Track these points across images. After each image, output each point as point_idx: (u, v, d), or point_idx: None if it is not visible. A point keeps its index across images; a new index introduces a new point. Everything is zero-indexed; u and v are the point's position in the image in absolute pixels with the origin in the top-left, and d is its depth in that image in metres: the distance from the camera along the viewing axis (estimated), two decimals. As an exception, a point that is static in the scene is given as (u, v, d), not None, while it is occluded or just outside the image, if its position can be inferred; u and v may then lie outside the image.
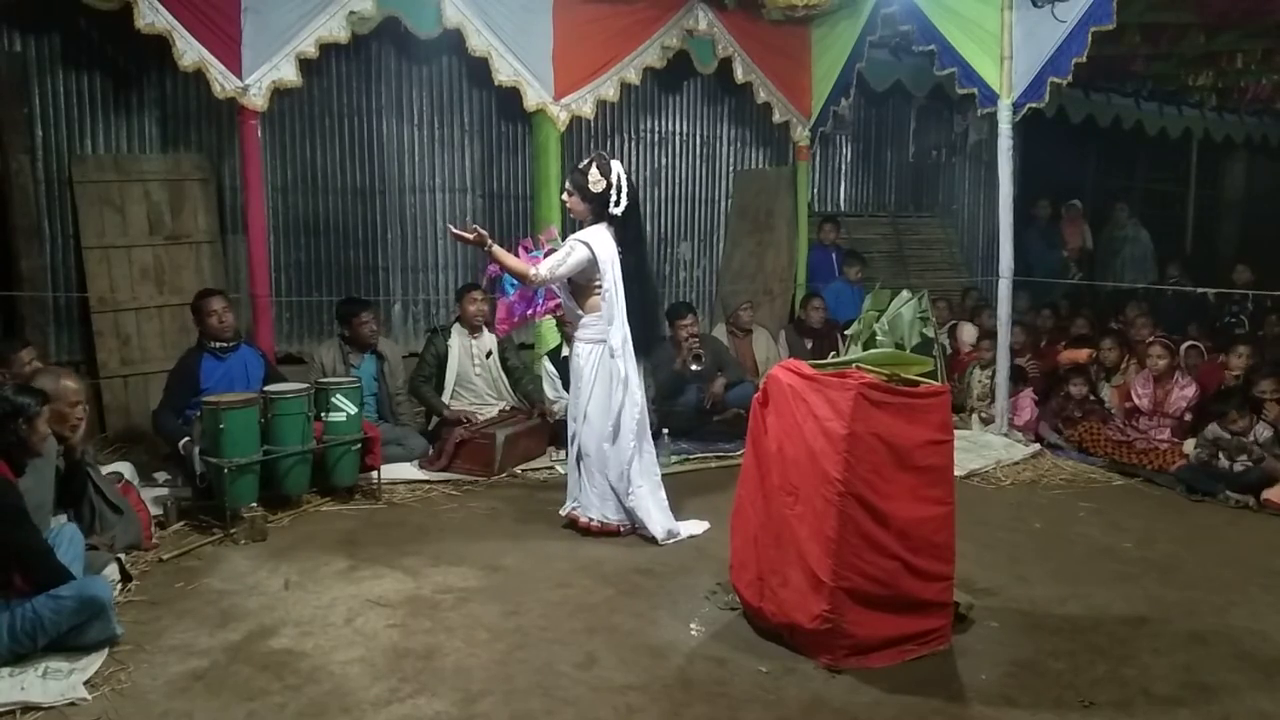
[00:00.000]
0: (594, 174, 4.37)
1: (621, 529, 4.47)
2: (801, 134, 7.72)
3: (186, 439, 4.75)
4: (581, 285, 4.45)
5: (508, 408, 5.92)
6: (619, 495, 4.45)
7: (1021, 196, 7.04)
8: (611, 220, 4.42)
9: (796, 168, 7.94)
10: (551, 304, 4.60)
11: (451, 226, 4.32)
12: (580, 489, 4.53)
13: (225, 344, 5.12)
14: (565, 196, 4.51)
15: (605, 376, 4.42)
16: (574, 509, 4.56)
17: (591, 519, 4.48)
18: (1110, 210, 10.59)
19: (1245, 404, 5.30)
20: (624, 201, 4.40)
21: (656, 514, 4.43)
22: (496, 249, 4.34)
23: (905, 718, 2.93)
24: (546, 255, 4.50)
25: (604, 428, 4.42)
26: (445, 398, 5.78)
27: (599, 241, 4.37)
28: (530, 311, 4.63)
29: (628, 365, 4.43)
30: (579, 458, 4.51)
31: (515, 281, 4.56)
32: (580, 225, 4.54)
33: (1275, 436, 5.22)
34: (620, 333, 4.41)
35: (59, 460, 3.74)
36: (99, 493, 4.03)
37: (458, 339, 5.85)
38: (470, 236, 4.28)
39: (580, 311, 4.48)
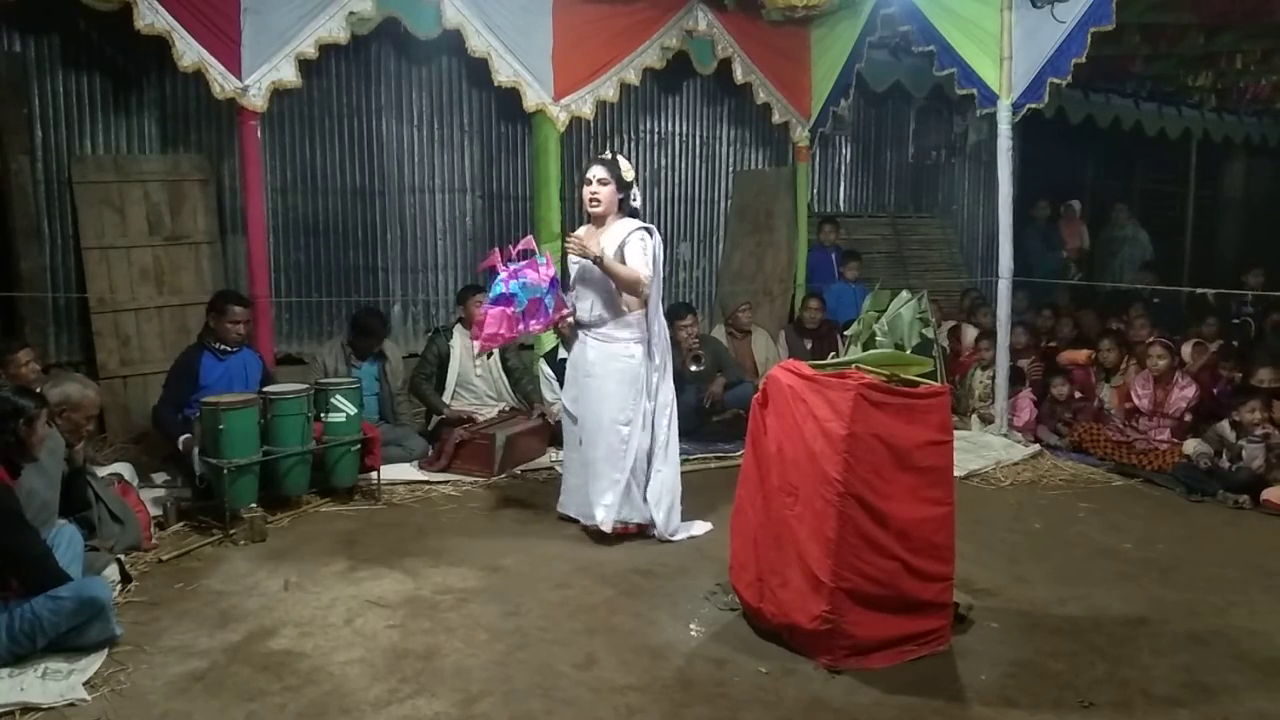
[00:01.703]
0: (623, 162, 4.40)
1: (647, 531, 4.45)
2: (801, 134, 7.72)
3: (186, 436, 4.75)
4: None
5: (507, 408, 5.93)
6: (640, 486, 4.41)
7: (1020, 197, 7.03)
8: (633, 214, 4.43)
9: (796, 168, 7.94)
10: (556, 316, 4.51)
11: (570, 243, 4.27)
12: (603, 494, 4.37)
13: (229, 346, 5.12)
14: (598, 187, 4.36)
15: (645, 373, 4.40)
16: (606, 519, 4.36)
17: (622, 523, 4.40)
18: (1109, 211, 10.59)
19: (1266, 398, 5.30)
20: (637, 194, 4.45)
21: (664, 505, 4.41)
22: (608, 261, 4.26)
23: (905, 718, 2.93)
24: (529, 266, 4.35)
25: (643, 420, 4.40)
26: (446, 398, 5.79)
27: (654, 231, 4.38)
28: (523, 326, 4.41)
29: (663, 355, 4.44)
30: (633, 464, 4.35)
31: (507, 292, 4.43)
32: (595, 221, 4.45)
33: None
34: (659, 322, 4.42)
35: (64, 465, 3.74)
36: (99, 500, 4.03)
37: (460, 339, 5.85)
38: (594, 251, 4.22)
39: (624, 309, 4.37)
